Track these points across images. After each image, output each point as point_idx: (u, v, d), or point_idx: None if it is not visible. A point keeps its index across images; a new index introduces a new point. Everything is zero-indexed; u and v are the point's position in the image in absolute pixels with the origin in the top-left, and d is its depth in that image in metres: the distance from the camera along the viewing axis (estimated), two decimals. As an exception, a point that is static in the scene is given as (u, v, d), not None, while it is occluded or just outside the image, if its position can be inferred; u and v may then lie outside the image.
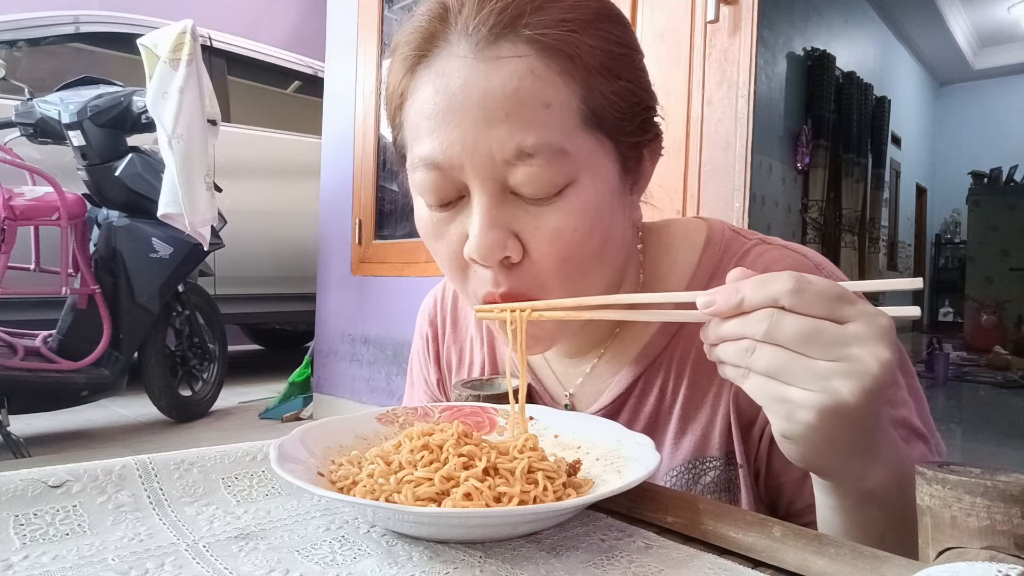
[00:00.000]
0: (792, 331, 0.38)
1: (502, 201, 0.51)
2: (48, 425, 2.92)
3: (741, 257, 0.61)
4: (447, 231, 0.54)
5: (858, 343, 0.37)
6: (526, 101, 0.49)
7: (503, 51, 0.49)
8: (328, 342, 3.26)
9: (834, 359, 0.38)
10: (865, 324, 0.38)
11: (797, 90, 4.99)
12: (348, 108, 3.14)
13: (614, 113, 0.53)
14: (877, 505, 0.44)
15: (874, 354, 0.37)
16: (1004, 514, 0.32)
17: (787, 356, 0.38)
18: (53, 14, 3.42)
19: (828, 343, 0.38)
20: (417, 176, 0.53)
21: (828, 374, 0.37)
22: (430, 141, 0.51)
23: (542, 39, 0.49)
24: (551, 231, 0.51)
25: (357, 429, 0.56)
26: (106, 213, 2.87)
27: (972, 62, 8.54)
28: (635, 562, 0.39)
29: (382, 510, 0.41)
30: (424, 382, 0.80)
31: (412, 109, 0.53)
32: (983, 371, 5.57)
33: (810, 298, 0.38)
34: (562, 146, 0.50)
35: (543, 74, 0.49)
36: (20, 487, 0.45)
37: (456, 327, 0.77)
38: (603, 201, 0.53)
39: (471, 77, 0.49)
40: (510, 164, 0.50)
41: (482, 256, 0.51)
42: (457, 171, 0.51)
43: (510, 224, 0.51)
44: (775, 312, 0.38)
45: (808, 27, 5.14)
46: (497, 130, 0.49)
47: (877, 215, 6.54)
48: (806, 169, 5.13)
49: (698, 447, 0.60)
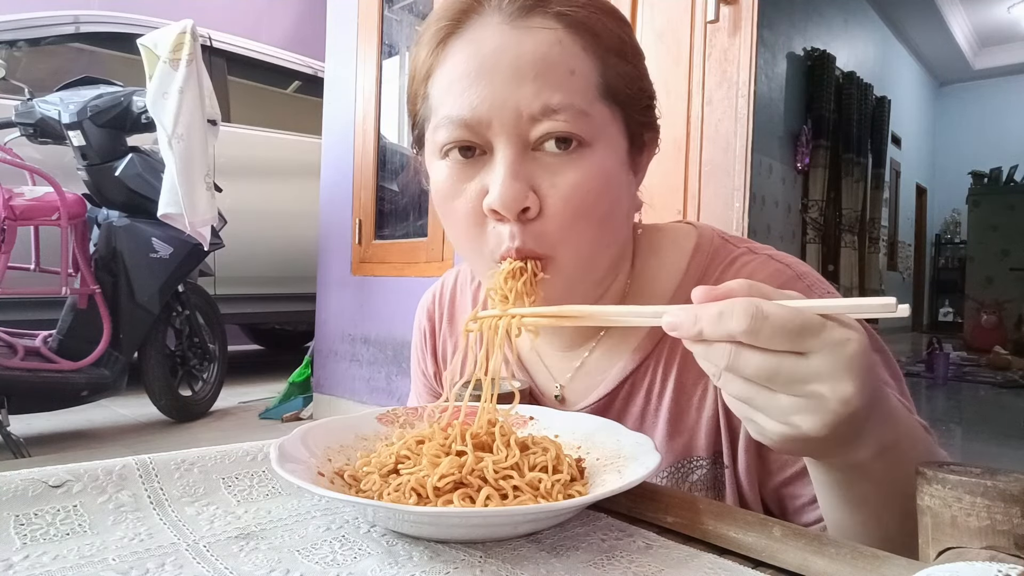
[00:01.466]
0: (752, 368, 0.37)
1: (524, 156, 0.54)
2: (48, 425, 2.92)
3: (727, 265, 0.62)
4: (466, 188, 0.56)
5: (819, 379, 0.36)
6: (553, 65, 0.53)
7: (534, 22, 0.54)
8: (328, 342, 3.26)
9: (795, 395, 0.37)
10: (828, 356, 0.36)
11: (797, 90, 4.99)
12: (348, 108, 3.14)
13: (627, 90, 0.57)
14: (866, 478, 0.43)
15: (836, 391, 0.36)
16: (1004, 514, 0.32)
17: (750, 388, 0.38)
18: (53, 14, 3.42)
19: (787, 381, 0.37)
20: (440, 134, 0.56)
21: (788, 410, 0.37)
22: (460, 100, 0.54)
23: (570, 15, 0.54)
24: (567, 186, 0.54)
25: (357, 429, 0.56)
26: (106, 213, 2.87)
27: (972, 62, 8.54)
28: (635, 562, 0.39)
29: (382, 510, 0.41)
30: (423, 375, 0.82)
31: (442, 77, 0.56)
32: (983, 371, 5.57)
33: (768, 334, 0.36)
34: (584, 109, 0.54)
35: (569, 46, 0.54)
36: (20, 487, 0.45)
37: (453, 321, 0.79)
38: (613, 170, 0.57)
39: (503, 41, 0.53)
40: (535, 120, 0.53)
41: (504, 205, 0.53)
42: (484, 127, 0.54)
43: (530, 179, 0.54)
44: (734, 348, 0.37)
45: (808, 27, 5.14)
46: (525, 88, 0.52)
47: (877, 215, 6.54)
48: (806, 169, 5.13)
49: (686, 447, 0.62)
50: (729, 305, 0.37)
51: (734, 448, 0.60)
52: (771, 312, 0.36)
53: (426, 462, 0.45)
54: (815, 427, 0.37)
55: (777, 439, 0.39)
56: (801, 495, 0.57)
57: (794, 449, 0.42)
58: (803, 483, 0.57)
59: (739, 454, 0.59)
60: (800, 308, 0.37)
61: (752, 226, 1.71)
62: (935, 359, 5.20)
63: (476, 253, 0.58)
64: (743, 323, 0.36)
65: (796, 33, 4.97)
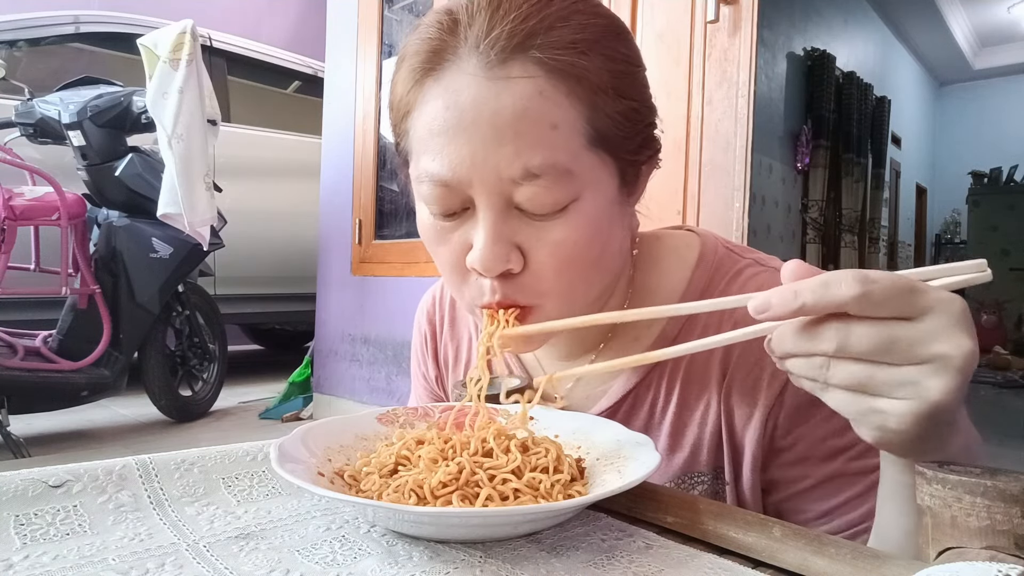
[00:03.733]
0: (867, 342, 0.35)
1: (506, 216, 0.52)
2: (48, 425, 2.92)
3: (733, 277, 0.61)
4: (450, 238, 0.55)
5: (938, 339, 0.35)
6: (534, 122, 0.50)
7: (513, 71, 0.50)
8: (328, 342, 3.25)
9: (918, 362, 0.35)
10: (941, 315, 0.35)
11: (797, 90, 4.99)
12: (348, 108, 3.14)
13: (618, 132, 0.54)
14: None
15: (959, 347, 0.35)
16: (1004, 514, 0.32)
17: (867, 368, 0.36)
18: (53, 14, 3.42)
19: (908, 346, 0.35)
20: (423, 189, 0.54)
21: (915, 378, 0.35)
22: (439, 158, 0.51)
23: (551, 61, 0.50)
24: (553, 243, 0.52)
25: (357, 429, 0.56)
26: (106, 213, 2.87)
27: (972, 62, 8.54)
28: (635, 562, 0.39)
29: (382, 510, 0.41)
30: (423, 378, 0.82)
31: (420, 121, 0.54)
32: (983, 371, 5.55)
33: (879, 300, 0.34)
34: (567, 166, 0.51)
35: (551, 95, 0.50)
36: (20, 487, 0.45)
37: (454, 324, 0.78)
38: (603, 214, 0.54)
39: (481, 95, 0.50)
40: (516, 183, 0.50)
41: (485, 268, 0.52)
42: (465, 186, 0.52)
43: (513, 237, 0.52)
44: (844, 324, 0.35)
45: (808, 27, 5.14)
46: (505, 149, 0.50)
47: (877, 215, 6.53)
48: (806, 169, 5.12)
49: (687, 463, 0.61)
50: (833, 274, 0.35)
51: (736, 465, 0.59)
52: (878, 276, 0.35)
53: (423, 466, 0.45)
54: (946, 389, 0.35)
55: (905, 424, 0.36)
56: (807, 510, 0.56)
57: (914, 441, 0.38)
58: (811, 498, 0.56)
59: (744, 472, 0.58)
60: (897, 274, 0.37)
61: (752, 226, 1.71)
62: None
63: (458, 296, 0.58)
64: (854, 287, 0.34)
65: (796, 33, 4.97)
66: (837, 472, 0.55)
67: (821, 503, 0.56)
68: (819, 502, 0.56)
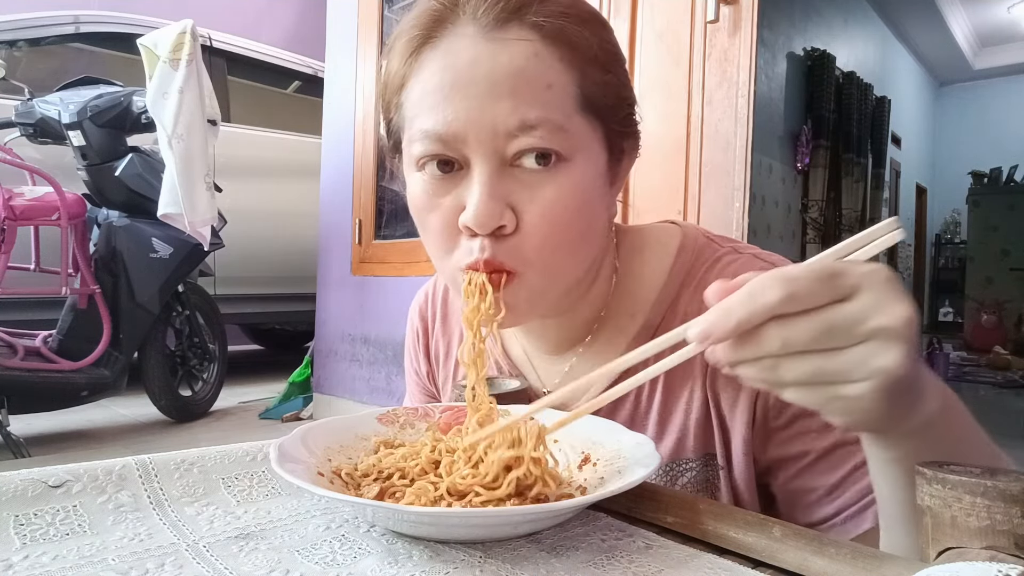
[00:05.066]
0: (808, 334, 0.35)
1: (501, 173, 0.53)
2: (48, 425, 2.92)
3: (711, 265, 0.62)
4: (441, 202, 0.55)
5: (875, 311, 0.35)
6: (530, 79, 0.52)
7: (510, 33, 0.52)
8: (328, 342, 3.25)
9: (863, 339, 0.35)
10: (870, 288, 0.35)
11: (797, 90, 4.99)
12: (348, 108, 3.14)
13: (605, 101, 0.56)
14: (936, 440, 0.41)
15: (895, 315, 0.35)
16: (1004, 514, 0.32)
17: (817, 359, 0.36)
18: (53, 14, 3.42)
19: (847, 328, 0.35)
20: (416, 149, 0.54)
21: (863, 357, 0.35)
22: (435, 114, 0.53)
23: (546, 25, 0.52)
24: (545, 202, 0.53)
25: (357, 429, 0.56)
26: (106, 213, 2.87)
27: (972, 62, 8.54)
28: (635, 562, 0.39)
29: (382, 510, 0.41)
30: (415, 374, 0.83)
31: (415, 87, 0.55)
32: (983, 371, 5.57)
33: (804, 295, 0.35)
34: (561, 124, 0.53)
35: (545, 57, 0.52)
36: (20, 487, 0.45)
37: (446, 321, 0.79)
38: (592, 184, 0.56)
39: (478, 54, 0.52)
40: (512, 136, 0.52)
41: (479, 224, 0.52)
42: (460, 143, 0.52)
43: (507, 195, 0.53)
44: (782, 322, 0.36)
45: (808, 27, 5.14)
46: (502, 104, 0.51)
47: (877, 215, 6.53)
48: (806, 169, 5.12)
49: (675, 450, 0.61)
50: (754, 283, 0.36)
51: (727, 449, 0.60)
52: (798, 271, 0.36)
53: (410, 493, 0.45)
54: (897, 360, 0.35)
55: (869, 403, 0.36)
56: (816, 487, 0.56)
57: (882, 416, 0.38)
58: (816, 473, 0.56)
59: (735, 456, 0.59)
60: (817, 260, 0.38)
61: (752, 226, 1.71)
62: (935, 359, 5.20)
63: (444, 261, 0.58)
64: (778, 291, 0.35)
65: (796, 33, 4.97)
66: (837, 442, 0.55)
67: (828, 476, 0.56)
68: (826, 475, 0.56)
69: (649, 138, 0.64)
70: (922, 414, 0.40)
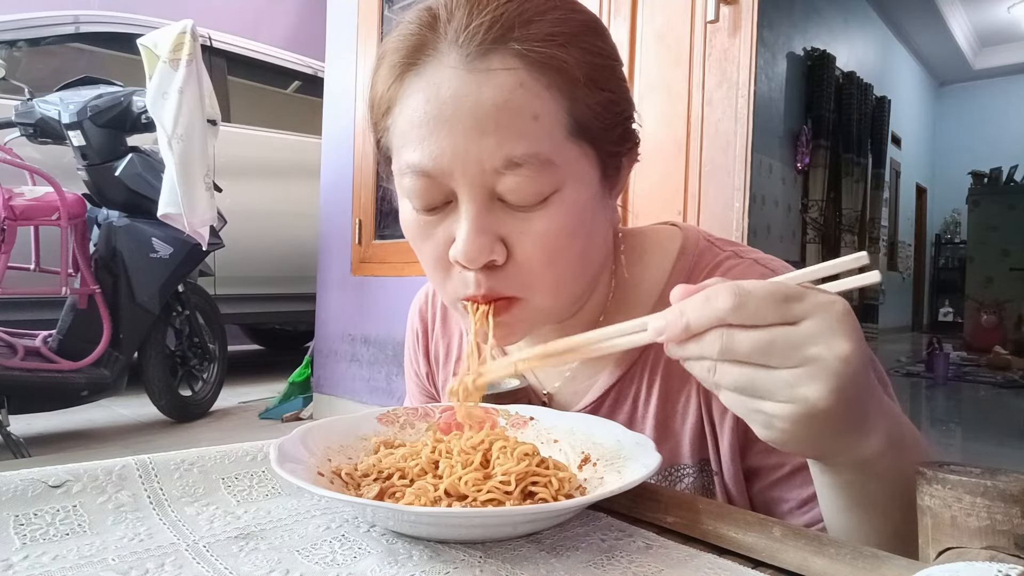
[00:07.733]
0: (746, 346, 0.37)
1: (489, 207, 0.52)
2: (48, 425, 2.92)
3: (712, 269, 0.62)
4: (433, 233, 0.55)
5: (814, 342, 0.36)
6: (515, 113, 0.50)
7: (493, 63, 0.50)
8: (328, 342, 3.25)
9: (795, 365, 0.36)
10: (819, 319, 0.36)
11: (797, 90, 4.99)
12: (348, 108, 3.14)
13: (598, 123, 0.54)
14: (875, 476, 0.43)
15: (833, 349, 0.36)
16: (1004, 514, 0.32)
17: (749, 371, 0.37)
18: (53, 14, 3.42)
19: (785, 349, 0.36)
20: (405, 182, 0.54)
21: (793, 382, 0.36)
22: (420, 149, 0.52)
23: (531, 53, 0.50)
24: (537, 235, 0.53)
25: (357, 429, 0.56)
26: (106, 213, 2.87)
27: (972, 62, 8.54)
28: (635, 562, 0.39)
29: (382, 510, 0.41)
30: (415, 375, 0.83)
31: (401, 116, 0.54)
32: (983, 371, 5.57)
33: (754, 308, 0.36)
34: (549, 157, 0.51)
35: (532, 87, 0.51)
36: (20, 487, 0.45)
37: (445, 322, 0.79)
38: (586, 206, 0.55)
39: (462, 87, 0.50)
40: (498, 173, 0.51)
41: (468, 260, 0.52)
42: (446, 178, 0.52)
43: (496, 229, 0.53)
44: (725, 331, 0.37)
45: (808, 27, 5.15)
46: (487, 140, 0.50)
47: (877, 215, 6.54)
48: (806, 169, 5.13)
49: (672, 455, 0.62)
50: (712, 289, 0.38)
51: (718, 455, 0.60)
52: (754, 287, 0.37)
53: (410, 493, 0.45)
54: (822, 393, 0.36)
55: (788, 425, 0.38)
56: (789, 499, 0.57)
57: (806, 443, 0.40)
58: (790, 486, 0.57)
59: (724, 462, 0.59)
60: (780, 280, 0.39)
61: (752, 226, 1.71)
62: (935, 359, 5.20)
63: (441, 291, 0.58)
64: (728, 300, 0.37)
65: (796, 33, 4.97)
66: None
67: (800, 489, 0.56)
68: (798, 488, 0.56)
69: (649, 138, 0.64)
70: (863, 450, 0.41)
